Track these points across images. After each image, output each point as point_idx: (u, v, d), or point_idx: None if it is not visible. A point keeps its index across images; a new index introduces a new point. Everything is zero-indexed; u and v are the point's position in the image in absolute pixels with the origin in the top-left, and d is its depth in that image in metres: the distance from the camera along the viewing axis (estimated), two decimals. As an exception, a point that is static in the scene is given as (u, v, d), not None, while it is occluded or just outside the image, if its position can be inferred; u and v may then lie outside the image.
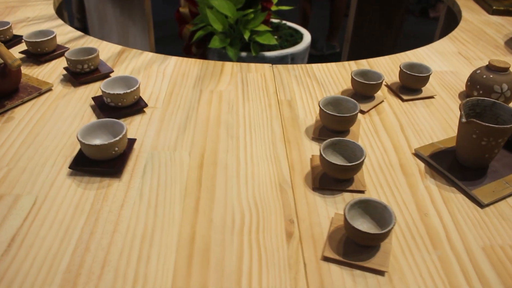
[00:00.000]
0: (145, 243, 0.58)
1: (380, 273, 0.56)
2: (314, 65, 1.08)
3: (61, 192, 0.66)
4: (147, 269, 0.55)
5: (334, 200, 0.67)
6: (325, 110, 0.78)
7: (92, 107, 0.85)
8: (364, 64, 1.11)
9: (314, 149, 0.78)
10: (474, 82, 0.95)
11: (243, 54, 1.67)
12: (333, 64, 1.10)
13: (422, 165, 0.76)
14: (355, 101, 0.81)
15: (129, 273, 0.54)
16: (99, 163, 0.68)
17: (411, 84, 0.96)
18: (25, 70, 0.98)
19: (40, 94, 0.86)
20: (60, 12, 1.51)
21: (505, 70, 0.92)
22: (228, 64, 1.05)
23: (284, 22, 1.99)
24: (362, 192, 0.69)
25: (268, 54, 1.69)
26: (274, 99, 0.92)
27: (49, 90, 0.88)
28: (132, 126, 0.81)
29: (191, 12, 1.79)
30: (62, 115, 0.83)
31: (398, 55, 1.17)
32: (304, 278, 0.55)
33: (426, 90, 0.99)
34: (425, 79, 0.96)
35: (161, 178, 0.69)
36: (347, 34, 2.40)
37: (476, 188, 0.70)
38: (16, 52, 1.03)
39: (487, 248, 0.61)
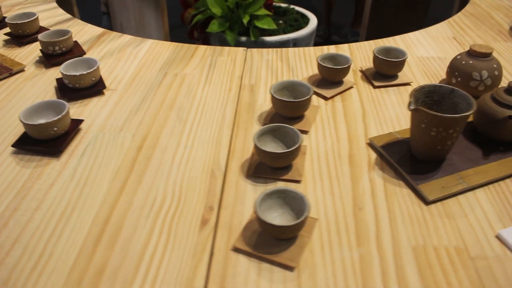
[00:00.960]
0: (61, 221, 0.57)
1: (289, 268, 0.51)
2: (291, 49, 1.02)
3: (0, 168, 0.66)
4: (55, 246, 0.53)
5: (266, 188, 0.61)
6: (274, 96, 0.73)
7: (55, 88, 0.85)
8: (345, 48, 1.03)
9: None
10: (453, 69, 0.85)
11: (243, 38, 1.62)
12: (312, 48, 1.03)
13: (374, 156, 0.69)
14: (309, 86, 0.75)
15: (37, 250, 0.53)
16: (40, 142, 0.67)
17: (384, 70, 0.87)
18: (4, 51, 0.99)
19: (11, 74, 0.87)
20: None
21: (486, 55, 0.81)
22: (202, 48, 1.01)
23: (292, 6, 1.90)
24: (297, 182, 0.64)
25: (269, 39, 1.62)
26: (236, 84, 0.87)
27: (21, 71, 0.88)
28: (87, 108, 0.79)
29: (194, -4, 1.75)
30: (25, 95, 0.83)
31: (385, 39, 1.08)
32: (206, 267, 0.51)
33: (403, 76, 0.90)
34: (399, 65, 0.87)
35: (97, 159, 0.67)
36: (364, 17, 2.26)
37: (424, 183, 0.62)
38: (1, 34, 1.06)
39: (418, 248, 0.54)
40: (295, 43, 1.67)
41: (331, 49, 1.01)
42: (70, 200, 0.60)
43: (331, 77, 0.84)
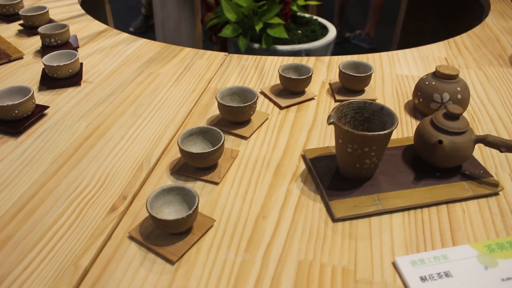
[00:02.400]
0: (-9, 196, 0.63)
1: (169, 261, 0.53)
2: (270, 58, 1.02)
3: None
4: (-20, 214, 0.60)
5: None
6: (218, 100, 0.74)
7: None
8: (325, 60, 1.01)
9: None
10: (417, 89, 0.81)
11: (256, 45, 1.64)
12: (292, 58, 1.02)
13: (303, 168, 0.68)
14: (255, 93, 0.75)
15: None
16: (3, 122, 0.74)
17: (348, 85, 0.85)
18: (13, 39, 1.10)
19: (10, 60, 0.97)
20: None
21: (451, 77, 0.76)
22: (186, 50, 1.05)
23: (315, 17, 1.89)
24: (215, 183, 0.64)
25: (280, 47, 1.62)
26: (202, 86, 0.90)
27: (20, 58, 0.98)
28: (60, 96, 0.86)
29: (215, 0, 1.80)
30: (15, 80, 0.92)
31: (370, 55, 1.04)
32: (97, 250, 0.54)
33: (370, 92, 0.87)
34: (362, 80, 0.84)
35: (48, 142, 0.73)
36: (396, 33, 2.18)
37: (337, 200, 0.60)
38: (17, 24, 1.17)
39: (304, 263, 0.53)
40: (308, 53, 1.66)
41: (310, 60, 1.00)
42: (9, 175, 0.66)
43: (290, 87, 0.84)
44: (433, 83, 0.78)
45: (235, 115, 0.74)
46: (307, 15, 1.88)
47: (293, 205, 0.61)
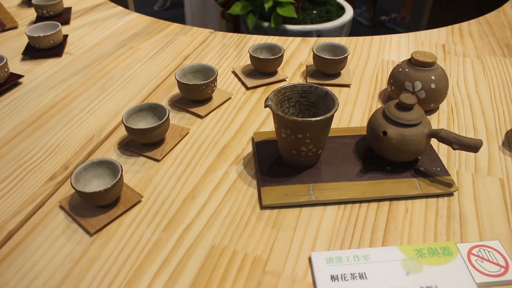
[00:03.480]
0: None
1: (88, 233, 0.52)
2: (255, 36, 0.97)
3: None
4: None
5: (127, 160, 0.63)
6: (176, 78, 0.72)
7: (28, 46, 0.96)
8: (310, 41, 0.94)
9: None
10: (391, 76, 0.73)
11: (265, 24, 1.57)
12: (277, 37, 0.97)
13: (249, 151, 0.65)
14: (215, 71, 0.72)
15: None
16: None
17: (321, 68, 0.79)
18: (14, 10, 1.11)
19: (4, 30, 0.99)
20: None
21: (425, 65, 0.68)
22: (173, 25, 1.02)
23: (333, -3, 1.78)
24: (157, 160, 0.63)
25: (290, 27, 1.55)
26: (176, 63, 0.87)
27: (14, 28, 1.00)
28: (40, 66, 0.87)
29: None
30: (3, 49, 0.93)
31: (361, 38, 0.96)
32: (26, 215, 0.54)
33: (346, 77, 0.80)
34: (334, 63, 0.77)
35: (15, 109, 0.74)
36: (425, 12, 2.01)
37: (269, 186, 0.56)
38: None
39: (217, 247, 0.50)
40: (319, 34, 1.57)
41: (297, 41, 0.94)
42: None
43: (260, 67, 0.79)
44: (407, 70, 0.70)
45: (192, 93, 0.71)
46: (325, -5, 1.79)
47: (226, 188, 0.58)
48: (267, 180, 0.58)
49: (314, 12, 1.67)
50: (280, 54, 0.77)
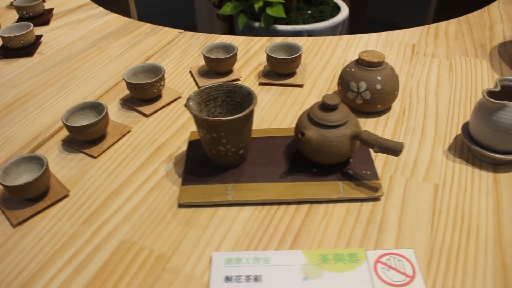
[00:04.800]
0: None
1: (11, 223, 0.54)
2: (222, 36, 0.97)
3: None
4: None
5: (66, 157, 0.64)
6: (124, 78, 0.72)
7: (5, 46, 1.00)
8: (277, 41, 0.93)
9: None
10: (340, 76, 0.71)
11: (256, 24, 1.56)
12: (249, 38, 0.96)
13: (184, 149, 0.64)
14: (162, 70, 0.72)
15: None
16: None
17: (273, 67, 0.78)
18: (2, 11, 1.16)
19: (-12, 31, 1.04)
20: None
21: (371, 65, 0.66)
22: (146, 26, 1.04)
23: (331, -3, 1.75)
24: (93, 157, 0.64)
25: (280, 27, 1.53)
26: (138, 63, 0.88)
27: (-2, 29, 1.05)
28: (10, 66, 0.90)
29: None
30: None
31: (328, 37, 0.94)
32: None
33: (300, 77, 0.79)
34: (285, 63, 0.76)
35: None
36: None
37: (189, 185, 0.56)
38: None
39: (127, 243, 0.51)
40: (310, 34, 1.55)
41: (261, 40, 0.93)
42: None
43: (213, 67, 0.79)
44: (353, 70, 0.68)
45: (138, 92, 0.72)
46: (322, -5, 1.76)
47: (150, 186, 0.59)
48: (190, 179, 0.57)
49: (309, 12, 1.65)
50: (231, 54, 0.77)
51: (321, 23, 1.57)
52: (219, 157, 0.57)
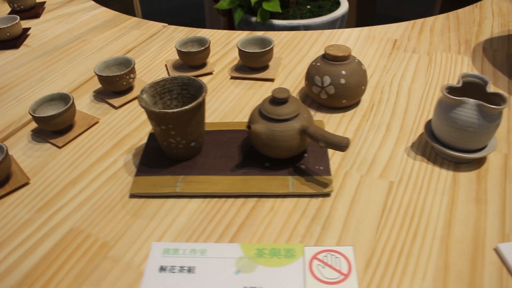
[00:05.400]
0: None
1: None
2: (205, 30, 0.97)
3: None
4: None
5: (33, 146, 0.66)
6: (95, 71, 0.73)
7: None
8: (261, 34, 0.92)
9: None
10: (307, 71, 0.70)
11: (253, 19, 1.56)
12: (230, 32, 0.96)
13: (146, 140, 0.65)
14: (131, 62, 0.73)
15: None
16: None
17: (245, 62, 0.78)
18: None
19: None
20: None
21: (336, 59, 0.65)
22: (132, 20, 1.05)
23: (331, -8, 1.72)
24: (58, 147, 0.66)
25: (277, 22, 1.52)
26: (119, 54, 0.90)
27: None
28: (-1, 57, 0.95)
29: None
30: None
31: (309, 32, 0.93)
32: None
33: (273, 71, 0.78)
34: (255, 57, 0.76)
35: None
36: None
37: (143, 176, 0.57)
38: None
39: (75, 230, 0.52)
40: (307, 29, 1.53)
41: (242, 34, 0.93)
42: None
43: (186, 61, 0.80)
44: (318, 64, 0.67)
45: (107, 84, 0.73)
46: (323, -10, 1.73)
47: (107, 176, 0.60)
48: (143, 170, 0.58)
49: (308, 7, 1.63)
50: (203, 48, 0.77)
51: (318, 18, 1.55)
52: (171, 149, 0.57)
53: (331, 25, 1.60)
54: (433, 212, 0.53)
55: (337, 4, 1.69)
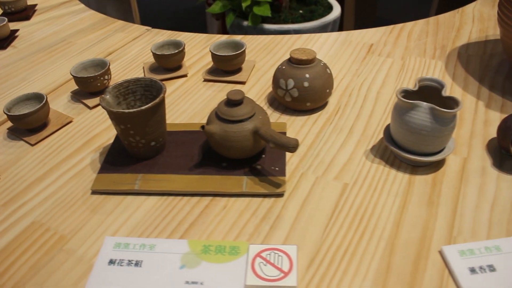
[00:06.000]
0: None
1: None
2: (185, 34, 1.00)
3: None
4: None
5: (8, 143, 0.69)
6: (71, 72, 0.76)
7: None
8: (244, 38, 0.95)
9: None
10: (274, 73, 0.71)
11: (245, 23, 1.58)
12: (210, 36, 0.99)
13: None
14: (106, 63, 0.76)
15: None
16: None
17: (217, 65, 0.80)
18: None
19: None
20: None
21: (300, 62, 0.67)
22: (118, 23, 1.08)
23: (326, -4, 1.73)
24: (31, 144, 0.68)
25: (267, 26, 1.54)
26: (101, 56, 0.93)
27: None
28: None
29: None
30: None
31: (286, 36, 0.96)
32: None
33: (243, 74, 0.81)
34: (225, 60, 0.78)
35: None
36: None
37: (105, 173, 0.59)
38: None
39: (36, 223, 0.55)
40: (297, 33, 1.55)
41: (222, 38, 0.94)
42: None
43: (160, 63, 0.82)
44: (284, 67, 0.69)
45: (82, 85, 0.76)
46: (316, -6, 1.75)
47: (73, 173, 0.63)
48: (106, 168, 0.61)
49: (300, 12, 1.65)
50: (177, 51, 0.80)
51: (309, 22, 1.57)
52: (132, 148, 0.59)
53: (322, 29, 1.62)
54: (383, 214, 0.54)
55: (329, 9, 1.70)
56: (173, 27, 1.03)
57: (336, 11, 1.66)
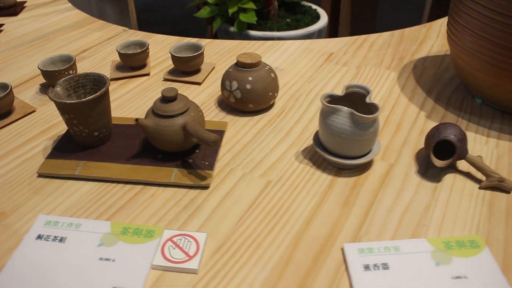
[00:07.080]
0: None
1: None
2: (160, 36, 1.07)
3: None
4: None
5: (-29, 128, 0.77)
6: (38, 66, 0.84)
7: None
8: (206, 42, 1.01)
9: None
10: (222, 75, 0.77)
11: (231, 28, 1.64)
12: (180, 38, 1.06)
13: (69, 131, 0.74)
14: (72, 58, 0.83)
15: None
16: None
17: (176, 65, 0.87)
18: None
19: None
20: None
21: (244, 66, 0.73)
22: (98, 22, 1.16)
23: (315, 7, 1.79)
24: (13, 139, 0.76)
25: (252, 33, 1.61)
26: (75, 53, 1.00)
27: (-25, 18, 1.22)
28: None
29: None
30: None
31: (253, 42, 1.02)
32: None
33: (200, 75, 0.88)
34: (183, 62, 0.85)
35: None
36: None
37: (53, 159, 0.66)
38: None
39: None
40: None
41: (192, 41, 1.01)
42: None
43: (125, 62, 0.89)
44: (230, 70, 0.75)
45: (48, 78, 0.84)
46: (307, 4, 1.81)
47: (25, 158, 0.69)
48: (54, 154, 0.68)
49: (287, 20, 1.71)
50: (140, 50, 0.87)
51: (294, 31, 1.63)
52: (77, 136, 0.66)
53: (306, 38, 1.67)
54: (298, 211, 0.59)
55: (317, 19, 1.76)
56: (173, 30, 1.10)
57: (323, 21, 1.72)
